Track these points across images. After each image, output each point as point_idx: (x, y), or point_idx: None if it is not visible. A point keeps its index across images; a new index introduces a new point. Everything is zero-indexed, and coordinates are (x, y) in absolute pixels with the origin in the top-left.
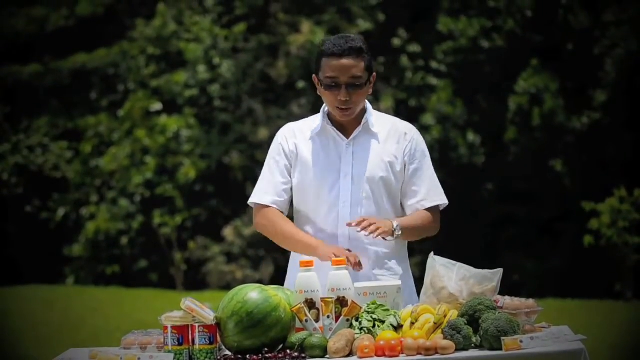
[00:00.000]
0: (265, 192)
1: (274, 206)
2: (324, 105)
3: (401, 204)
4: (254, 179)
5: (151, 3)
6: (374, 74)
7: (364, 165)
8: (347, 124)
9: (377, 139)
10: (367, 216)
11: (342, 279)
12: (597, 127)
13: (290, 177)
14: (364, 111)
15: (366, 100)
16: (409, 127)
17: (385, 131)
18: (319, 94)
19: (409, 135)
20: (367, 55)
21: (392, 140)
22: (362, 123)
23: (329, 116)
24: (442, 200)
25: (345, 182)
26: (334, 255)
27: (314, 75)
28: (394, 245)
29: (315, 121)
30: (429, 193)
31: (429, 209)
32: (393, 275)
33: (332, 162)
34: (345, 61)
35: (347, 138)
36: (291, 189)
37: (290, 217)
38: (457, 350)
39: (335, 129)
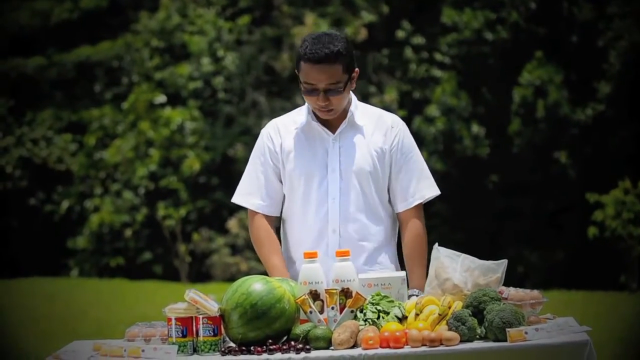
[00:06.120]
0: (258, 195)
1: (267, 213)
2: None
3: (389, 199)
4: None
5: None
6: (356, 69)
7: (351, 160)
8: (331, 119)
9: (363, 132)
10: None
11: (347, 270)
12: (601, 118)
13: (281, 179)
14: (348, 104)
15: (351, 93)
16: (395, 119)
17: (372, 124)
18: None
19: (396, 129)
20: (347, 55)
21: (378, 132)
22: (347, 117)
23: (314, 111)
24: (432, 192)
25: (333, 177)
26: None
27: (296, 70)
28: (382, 241)
29: (301, 115)
30: (418, 186)
31: (414, 208)
32: (384, 270)
33: (319, 158)
34: (322, 67)
35: (333, 133)
36: (282, 190)
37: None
38: (461, 341)
39: (320, 124)
